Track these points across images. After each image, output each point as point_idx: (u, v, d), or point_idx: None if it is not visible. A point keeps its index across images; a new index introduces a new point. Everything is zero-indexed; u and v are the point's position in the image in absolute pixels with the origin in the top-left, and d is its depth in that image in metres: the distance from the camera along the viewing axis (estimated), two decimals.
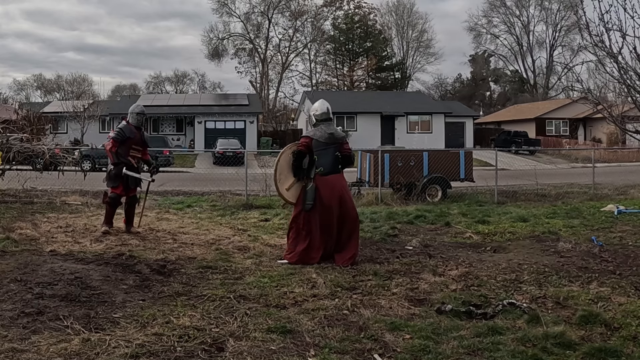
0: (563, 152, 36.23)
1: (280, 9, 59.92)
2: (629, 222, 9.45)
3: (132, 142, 8.19)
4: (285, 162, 6.82)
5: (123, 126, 8.21)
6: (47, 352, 3.72)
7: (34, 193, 12.98)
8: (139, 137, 8.32)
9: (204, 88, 69.85)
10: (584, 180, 17.29)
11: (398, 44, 66.76)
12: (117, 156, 7.98)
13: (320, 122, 6.88)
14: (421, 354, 3.81)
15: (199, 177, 20.60)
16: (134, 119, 8.30)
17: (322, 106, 6.96)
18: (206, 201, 12.49)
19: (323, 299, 5.05)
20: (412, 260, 6.62)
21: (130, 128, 8.21)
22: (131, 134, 8.17)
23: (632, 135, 10.34)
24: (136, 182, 8.27)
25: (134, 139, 8.22)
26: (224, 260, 6.50)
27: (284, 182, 6.80)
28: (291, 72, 63.78)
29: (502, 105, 63.57)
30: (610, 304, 4.93)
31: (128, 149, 8.13)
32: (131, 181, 8.13)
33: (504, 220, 9.70)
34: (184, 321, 4.35)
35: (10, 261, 6.19)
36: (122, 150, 8.04)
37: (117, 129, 8.24)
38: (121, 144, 8.04)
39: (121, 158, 7.99)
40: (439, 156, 14.14)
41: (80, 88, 66.05)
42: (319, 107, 6.96)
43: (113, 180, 8.07)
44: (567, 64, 55.20)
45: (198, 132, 37.60)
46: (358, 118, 39.64)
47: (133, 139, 8.20)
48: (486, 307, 4.81)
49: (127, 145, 8.12)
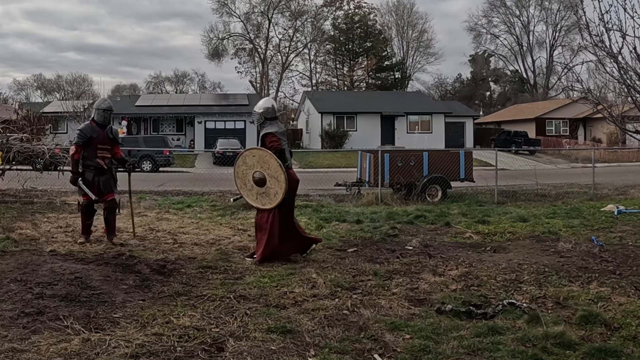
0: (563, 152, 36.21)
1: (280, 9, 59.81)
2: (629, 222, 9.45)
3: (97, 141, 7.42)
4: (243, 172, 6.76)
5: (83, 127, 7.51)
6: (47, 352, 3.72)
7: (34, 193, 12.98)
8: (103, 135, 7.50)
9: (204, 88, 69.85)
10: (584, 180, 17.28)
11: (398, 44, 66.82)
12: (77, 164, 7.33)
13: (269, 120, 6.94)
14: (421, 354, 3.81)
15: (199, 177, 20.60)
16: (100, 116, 7.51)
17: (268, 103, 7.09)
18: (206, 201, 12.49)
19: (323, 299, 5.05)
20: (412, 260, 6.61)
21: (92, 127, 7.46)
22: (93, 133, 7.40)
23: (632, 135, 10.34)
24: (110, 186, 7.58)
25: (98, 137, 7.43)
26: (224, 260, 6.50)
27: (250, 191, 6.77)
28: (291, 72, 63.65)
29: (502, 105, 63.56)
30: (610, 304, 4.93)
31: (94, 150, 7.38)
32: (103, 186, 7.44)
33: (504, 220, 9.70)
34: (184, 321, 4.35)
35: (10, 261, 6.19)
36: (88, 153, 7.36)
37: (77, 131, 7.51)
38: (86, 147, 7.37)
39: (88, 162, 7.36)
40: (439, 156, 14.14)
41: (80, 88, 66.14)
42: (266, 105, 7.03)
43: (79, 191, 7.50)
44: (567, 64, 55.04)
45: (198, 132, 37.61)
46: (358, 118, 39.63)
47: (97, 138, 7.42)
48: (486, 307, 4.81)
49: (93, 146, 7.38)
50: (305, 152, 36.48)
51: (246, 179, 6.75)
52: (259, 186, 6.65)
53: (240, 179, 6.80)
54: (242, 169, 6.76)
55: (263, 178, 6.59)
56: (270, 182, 6.56)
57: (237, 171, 6.82)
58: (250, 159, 6.71)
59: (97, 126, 7.52)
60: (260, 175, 6.60)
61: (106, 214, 7.54)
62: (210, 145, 34.08)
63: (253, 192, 6.73)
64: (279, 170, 6.49)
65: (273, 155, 6.55)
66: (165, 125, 39.82)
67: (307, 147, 40.76)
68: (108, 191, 7.51)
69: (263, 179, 6.59)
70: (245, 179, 6.76)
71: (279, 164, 6.50)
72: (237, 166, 6.81)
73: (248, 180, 6.72)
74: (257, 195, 6.70)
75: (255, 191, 6.70)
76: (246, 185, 6.76)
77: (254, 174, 6.65)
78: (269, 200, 6.61)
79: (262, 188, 6.62)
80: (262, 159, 6.62)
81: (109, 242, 7.34)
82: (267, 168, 6.56)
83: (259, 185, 6.64)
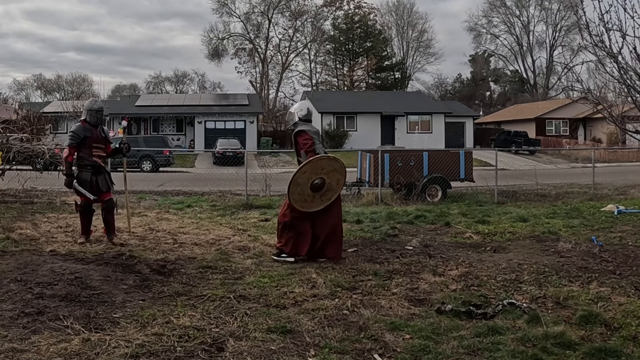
0: (563, 152, 36.23)
1: (280, 9, 59.89)
2: (629, 222, 9.45)
3: (92, 140, 7.42)
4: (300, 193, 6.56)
5: (76, 128, 7.46)
6: (47, 352, 3.72)
7: (34, 193, 12.98)
8: (97, 134, 7.52)
9: (204, 88, 69.86)
10: (584, 180, 17.29)
11: (398, 44, 66.85)
12: (71, 166, 7.34)
13: (303, 121, 6.99)
14: (421, 354, 3.81)
15: (199, 177, 20.59)
16: (93, 117, 7.50)
17: (303, 106, 7.18)
18: (206, 201, 12.49)
19: (323, 299, 5.05)
20: (412, 260, 6.61)
21: (85, 127, 7.45)
22: (87, 133, 7.40)
23: (632, 135, 10.34)
24: (108, 185, 7.57)
25: (93, 136, 7.44)
26: (224, 260, 6.50)
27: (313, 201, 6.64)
28: (291, 72, 63.79)
29: (502, 105, 63.57)
30: (610, 304, 4.93)
31: (90, 149, 7.39)
32: (101, 184, 7.44)
33: (504, 220, 9.70)
34: (184, 321, 4.35)
35: (10, 261, 6.19)
36: (84, 153, 7.37)
37: (70, 132, 7.49)
38: (81, 146, 7.37)
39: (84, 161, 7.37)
40: (439, 156, 14.14)
41: (80, 88, 66.23)
42: (302, 107, 7.15)
43: (76, 193, 7.53)
44: (567, 64, 55.13)
45: (198, 132, 37.61)
46: (358, 118, 39.64)
47: (91, 137, 7.42)
48: (486, 307, 4.81)
49: (88, 145, 7.39)
50: None
51: (304, 196, 6.56)
52: (318, 190, 6.55)
53: (300, 202, 6.58)
54: (297, 191, 6.53)
55: (322, 180, 6.53)
56: (330, 176, 6.57)
57: (294, 198, 6.55)
58: (302, 178, 6.49)
59: (90, 126, 7.51)
60: (319, 181, 6.52)
61: (104, 214, 7.52)
62: (210, 145, 34.08)
63: (316, 199, 6.60)
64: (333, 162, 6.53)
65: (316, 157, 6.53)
66: (165, 125, 39.82)
67: None
68: (105, 190, 7.50)
69: (322, 181, 6.53)
70: (304, 198, 6.56)
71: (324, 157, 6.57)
72: (290, 193, 6.51)
73: (307, 195, 6.57)
74: (321, 197, 6.61)
75: (318, 196, 6.60)
76: (307, 201, 6.59)
77: (313, 184, 6.50)
78: (334, 190, 6.65)
79: (323, 188, 6.57)
80: (312, 167, 6.51)
81: (109, 242, 7.33)
82: (322, 169, 6.54)
83: (318, 189, 6.55)
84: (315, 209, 6.67)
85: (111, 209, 7.55)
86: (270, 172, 15.56)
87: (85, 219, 7.51)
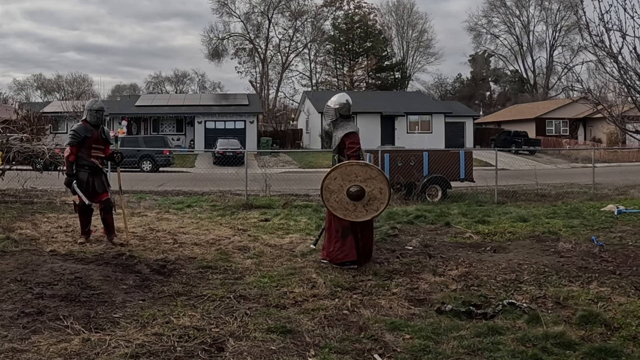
0: (563, 152, 36.22)
1: (280, 9, 59.93)
2: (629, 222, 9.45)
3: (92, 141, 7.44)
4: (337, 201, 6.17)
5: (77, 127, 7.46)
6: (47, 352, 3.72)
7: (34, 193, 12.98)
8: (97, 135, 7.53)
9: (204, 88, 69.89)
10: (584, 180, 17.29)
11: (398, 44, 66.84)
12: (72, 166, 7.33)
13: (343, 117, 6.51)
14: (421, 354, 3.81)
15: (199, 177, 20.59)
16: (93, 117, 7.51)
17: (342, 99, 6.56)
18: (206, 201, 12.49)
19: (323, 299, 5.05)
20: (412, 260, 6.61)
21: (86, 127, 7.47)
22: (88, 133, 7.42)
23: (632, 135, 10.34)
24: (104, 185, 7.60)
25: (92, 137, 7.45)
26: (224, 260, 6.50)
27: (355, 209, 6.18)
28: (291, 72, 63.84)
29: (502, 105, 63.58)
30: (610, 304, 4.93)
31: (89, 149, 7.42)
32: (98, 185, 7.46)
33: (504, 220, 9.70)
34: (184, 321, 4.35)
35: (10, 261, 6.19)
36: (83, 153, 7.38)
37: (71, 131, 7.49)
38: (81, 146, 7.38)
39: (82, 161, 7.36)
40: (439, 156, 14.15)
41: (80, 88, 66.24)
42: (341, 100, 6.51)
43: (73, 193, 7.53)
44: (567, 64, 55.16)
45: (198, 132, 37.61)
46: (358, 118, 39.50)
47: (91, 137, 7.44)
48: (486, 307, 4.81)
49: (87, 146, 7.41)
50: (305, 152, 36.52)
51: (344, 204, 6.14)
52: (359, 199, 6.08)
53: (340, 210, 6.16)
54: (333, 198, 6.16)
55: (360, 189, 6.05)
56: (368, 184, 6.07)
57: (332, 205, 6.19)
58: (334, 185, 6.13)
59: (91, 126, 7.52)
60: (356, 189, 6.06)
61: (103, 214, 7.52)
62: (210, 145, 34.08)
63: (359, 208, 6.13)
64: (367, 169, 6.07)
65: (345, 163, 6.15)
66: (165, 125, 39.81)
67: (307, 147, 40.77)
68: (102, 191, 7.52)
69: (360, 189, 6.05)
70: (343, 206, 6.15)
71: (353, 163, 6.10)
72: (325, 200, 6.20)
73: (347, 203, 6.12)
74: (365, 207, 6.13)
75: (361, 205, 6.12)
76: (349, 209, 6.14)
77: (348, 191, 6.08)
78: (380, 200, 6.12)
79: (365, 197, 6.09)
80: (342, 174, 6.13)
81: (109, 242, 7.34)
82: (356, 176, 6.07)
83: (358, 198, 6.08)
84: (362, 220, 6.16)
85: (109, 208, 7.56)
86: (270, 172, 15.58)
87: (85, 219, 7.52)
